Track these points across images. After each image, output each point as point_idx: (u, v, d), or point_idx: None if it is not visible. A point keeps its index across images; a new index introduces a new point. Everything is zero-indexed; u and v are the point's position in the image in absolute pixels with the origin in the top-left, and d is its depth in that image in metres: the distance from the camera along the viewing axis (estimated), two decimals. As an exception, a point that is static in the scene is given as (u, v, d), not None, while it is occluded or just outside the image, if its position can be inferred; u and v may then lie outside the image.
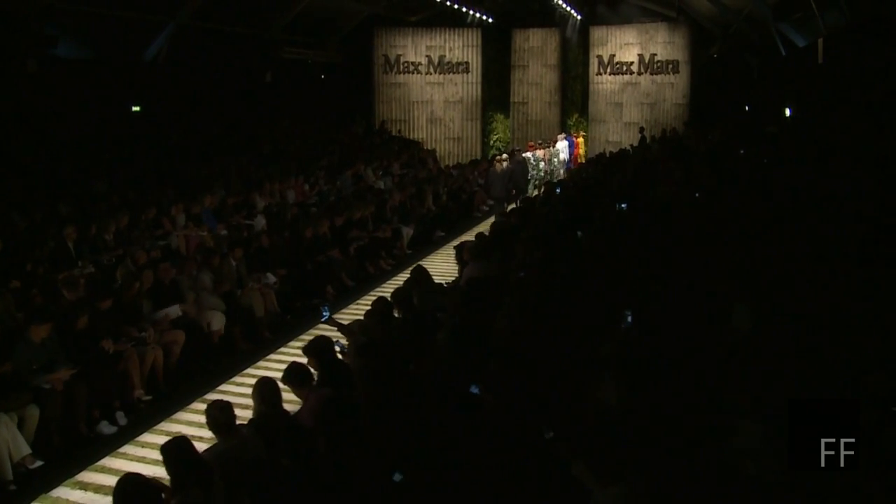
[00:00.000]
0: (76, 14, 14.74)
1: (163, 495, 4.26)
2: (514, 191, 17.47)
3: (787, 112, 16.28)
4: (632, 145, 21.52)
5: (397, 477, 3.92)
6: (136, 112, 16.83)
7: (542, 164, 20.90)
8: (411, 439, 4.35)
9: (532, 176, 19.95)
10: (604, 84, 25.02)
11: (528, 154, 20.58)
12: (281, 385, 5.51)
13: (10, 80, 13.84)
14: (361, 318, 7.13)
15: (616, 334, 5.15)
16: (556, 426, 3.97)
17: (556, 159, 22.15)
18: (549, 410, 4.30)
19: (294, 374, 5.50)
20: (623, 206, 9.52)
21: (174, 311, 8.76)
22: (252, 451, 4.69)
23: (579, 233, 9.18)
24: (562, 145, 22.95)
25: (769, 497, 3.75)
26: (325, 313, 6.96)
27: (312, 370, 5.73)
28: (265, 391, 5.21)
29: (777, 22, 15.06)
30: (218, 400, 5.15)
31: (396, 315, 7.17)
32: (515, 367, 4.96)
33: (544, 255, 7.44)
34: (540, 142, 22.49)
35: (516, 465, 4.00)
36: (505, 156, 19.10)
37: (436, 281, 8.56)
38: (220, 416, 4.82)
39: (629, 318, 5.37)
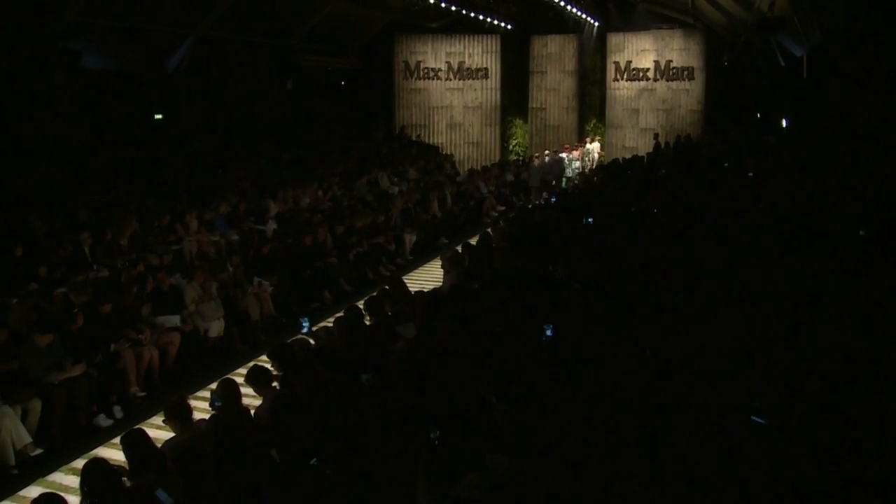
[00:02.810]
0: (101, 27, 15.54)
1: (123, 478, 4.95)
2: (553, 181, 21.19)
3: (784, 123, 16.57)
4: (648, 153, 21.91)
5: (314, 462, 4.55)
6: (158, 120, 17.62)
7: (576, 163, 23.31)
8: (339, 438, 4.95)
9: (566, 174, 22.48)
10: (620, 90, 25.29)
11: (564, 154, 22.98)
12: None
13: (37, 92, 14.65)
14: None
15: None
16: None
17: (587, 158, 24.23)
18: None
19: (254, 376, 6.16)
20: (589, 220, 9.98)
21: (172, 320, 9.46)
22: (206, 444, 5.32)
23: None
24: (594, 146, 25.03)
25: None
26: (304, 325, 7.51)
27: (274, 372, 6.37)
28: (226, 390, 5.85)
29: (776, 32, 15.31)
30: (176, 395, 5.82)
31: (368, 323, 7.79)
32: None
33: (502, 267, 7.97)
34: (576, 144, 24.61)
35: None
36: (547, 152, 22.42)
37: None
38: (176, 410, 5.49)
39: (548, 332, 5.91)
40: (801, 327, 6.36)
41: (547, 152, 22.73)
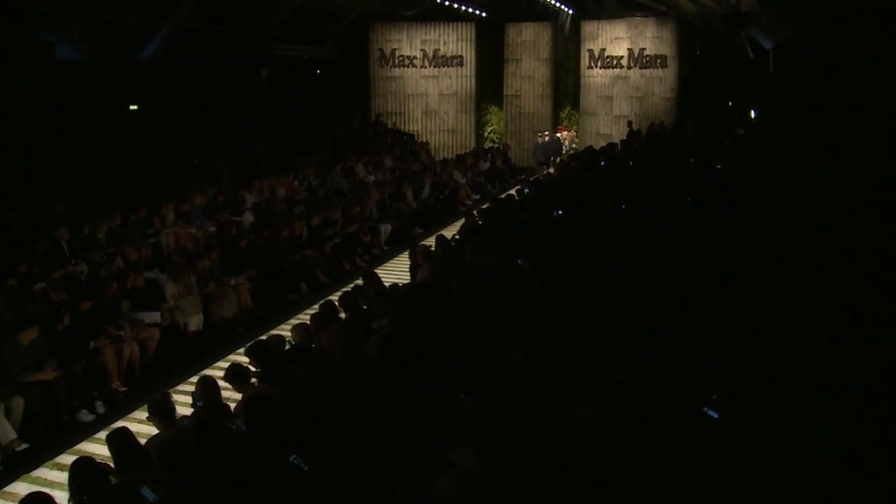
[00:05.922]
0: (74, 19, 15.53)
1: (109, 476, 5.16)
2: (552, 157, 23.24)
3: (753, 114, 16.89)
4: (622, 140, 22.19)
5: (294, 458, 4.77)
6: (133, 111, 17.64)
7: (567, 143, 25.33)
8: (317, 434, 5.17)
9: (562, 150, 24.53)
10: (594, 78, 25.56)
11: (559, 135, 25.08)
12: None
13: (10, 85, 14.62)
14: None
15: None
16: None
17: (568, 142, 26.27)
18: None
19: (233, 374, 6.37)
20: (559, 212, 10.19)
21: (152, 317, 9.61)
22: (189, 440, 5.53)
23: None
24: (568, 133, 26.32)
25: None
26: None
27: (252, 369, 6.58)
28: (206, 388, 6.06)
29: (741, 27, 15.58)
30: (158, 393, 6.03)
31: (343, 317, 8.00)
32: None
33: (473, 260, 8.19)
34: (567, 127, 26.34)
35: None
36: (547, 132, 24.50)
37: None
38: (160, 408, 5.70)
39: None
40: (763, 323, 6.65)
41: (546, 132, 24.44)
